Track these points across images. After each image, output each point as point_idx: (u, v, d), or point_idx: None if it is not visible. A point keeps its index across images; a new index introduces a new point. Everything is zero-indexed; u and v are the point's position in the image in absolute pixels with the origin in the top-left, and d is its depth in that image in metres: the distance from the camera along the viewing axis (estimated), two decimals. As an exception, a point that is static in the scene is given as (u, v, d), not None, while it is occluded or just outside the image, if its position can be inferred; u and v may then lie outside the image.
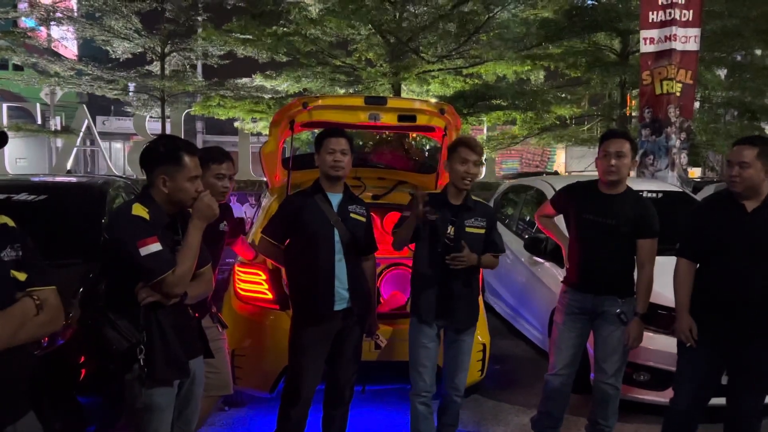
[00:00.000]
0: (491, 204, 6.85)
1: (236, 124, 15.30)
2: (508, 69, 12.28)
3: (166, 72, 15.72)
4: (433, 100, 5.10)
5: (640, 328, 3.11)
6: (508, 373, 4.73)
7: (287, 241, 3.01)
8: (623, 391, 3.38)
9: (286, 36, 12.10)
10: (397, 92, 12.04)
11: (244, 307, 3.58)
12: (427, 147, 13.19)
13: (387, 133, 9.98)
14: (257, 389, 3.56)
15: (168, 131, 16.52)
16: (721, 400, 3.01)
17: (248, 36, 12.46)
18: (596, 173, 3.30)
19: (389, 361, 3.48)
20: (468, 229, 3.01)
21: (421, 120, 3.91)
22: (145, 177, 2.33)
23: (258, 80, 13.68)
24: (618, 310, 3.11)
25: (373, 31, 11.88)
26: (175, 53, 15.81)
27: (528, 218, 5.83)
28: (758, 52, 12.52)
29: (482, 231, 3.07)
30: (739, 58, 12.50)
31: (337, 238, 2.92)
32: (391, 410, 3.87)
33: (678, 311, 2.94)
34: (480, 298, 3.78)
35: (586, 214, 3.18)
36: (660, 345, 3.52)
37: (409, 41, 11.80)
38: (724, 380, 2.99)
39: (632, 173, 3.63)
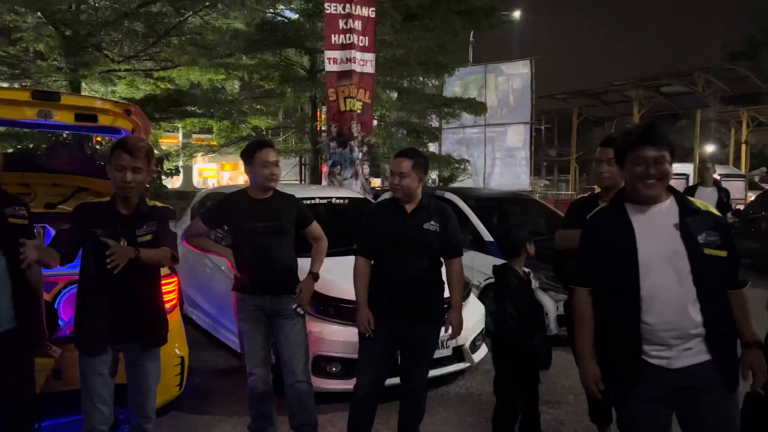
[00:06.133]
0: (188, 212, 6.64)
1: None
2: (202, 76, 12.07)
3: None
4: (119, 100, 4.73)
5: (310, 283, 3.38)
6: (209, 384, 4.62)
7: None
8: (318, 384, 3.60)
9: None
10: (76, 90, 10.77)
11: None
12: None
13: (65, 134, 8.88)
14: None
15: None
16: (395, 380, 3.42)
17: None
18: (294, 182, 3.49)
19: (71, 390, 3.08)
20: (141, 239, 2.72)
21: (104, 121, 3.58)
22: None
23: None
24: (294, 305, 3.33)
25: (44, 20, 10.42)
26: None
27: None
28: (422, 79, 14.69)
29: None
30: (406, 84, 14.47)
31: None
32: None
33: (358, 304, 3.27)
34: (177, 310, 3.63)
35: (248, 222, 3.33)
36: (348, 336, 3.83)
37: (89, 36, 10.68)
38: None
39: (324, 182, 3.93)
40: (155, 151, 3.01)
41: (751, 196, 14.99)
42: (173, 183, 17.20)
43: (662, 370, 2.21)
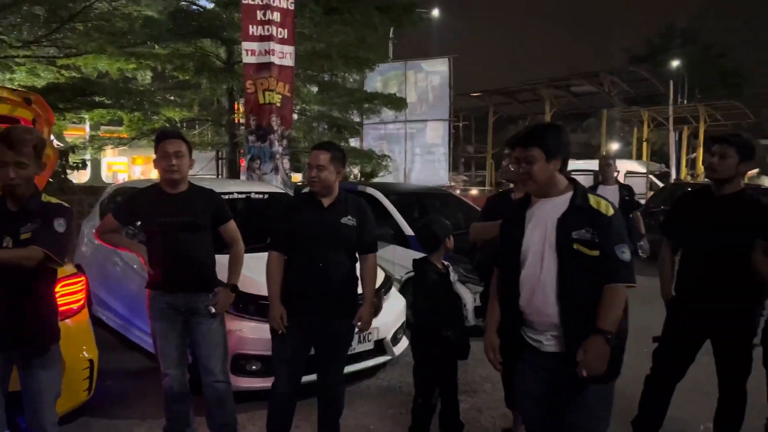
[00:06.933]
0: (97, 208, 6.33)
1: None
2: (111, 65, 11.46)
3: None
4: (18, 88, 4.43)
5: (228, 296, 3.30)
6: (122, 387, 4.43)
7: None
8: (237, 383, 3.52)
9: None
10: (-32, 77, 10.00)
11: None
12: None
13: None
14: None
15: None
16: (311, 377, 3.40)
17: None
18: (211, 176, 3.38)
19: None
20: (23, 236, 2.50)
21: (1, 110, 3.36)
22: None
23: None
24: (207, 305, 3.24)
25: (-70, 0, 9.58)
26: None
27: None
28: (344, 74, 14.65)
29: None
30: (327, 78, 14.38)
31: None
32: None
33: (270, 300, 3.22)
34: (86, 311, 3.47)
35: (161, 217, 3.21)
36: (267, 334, 3.80)
37: (-17, 19, 9.92)
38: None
39: (243, 176, 3.83)
40: (60, 144, 2.84)
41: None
42: (80, 177, 16.25)
43: (537, 351, 2.40)
